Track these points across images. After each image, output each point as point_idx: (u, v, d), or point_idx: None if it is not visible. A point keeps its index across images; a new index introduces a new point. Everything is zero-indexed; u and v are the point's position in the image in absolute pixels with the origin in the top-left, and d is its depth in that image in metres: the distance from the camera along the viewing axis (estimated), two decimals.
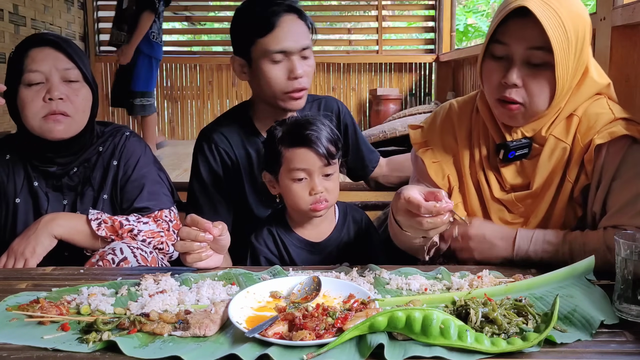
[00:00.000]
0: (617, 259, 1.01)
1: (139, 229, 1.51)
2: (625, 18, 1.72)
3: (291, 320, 0.92)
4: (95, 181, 1.59)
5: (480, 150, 1.37)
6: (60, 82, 1.49)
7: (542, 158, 1.29)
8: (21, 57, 1.49)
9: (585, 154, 1.26)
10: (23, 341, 0.91)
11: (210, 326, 0.93)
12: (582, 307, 0.98)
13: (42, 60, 1.48)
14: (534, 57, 1.21)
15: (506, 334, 0.91)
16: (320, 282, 1.10)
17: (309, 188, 1.39)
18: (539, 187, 1.30)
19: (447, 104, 1.48)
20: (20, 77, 1.48)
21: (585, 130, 1.27)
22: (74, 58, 1.52)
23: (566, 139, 1.28)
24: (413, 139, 1.46)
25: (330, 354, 0.85)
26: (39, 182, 1.56)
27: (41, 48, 1.49)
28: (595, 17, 1.86)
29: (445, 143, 1.42)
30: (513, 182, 1.33)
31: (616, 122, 1.25)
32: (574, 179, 1.27)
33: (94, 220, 1.48)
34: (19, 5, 4.32)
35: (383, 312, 0.90)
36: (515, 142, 1.29)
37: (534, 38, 1.20)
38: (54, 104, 1.47)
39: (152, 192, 1.60)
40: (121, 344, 0.87)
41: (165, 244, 1.55)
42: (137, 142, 1.66)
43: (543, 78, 1.22)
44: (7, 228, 1.57)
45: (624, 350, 0.88)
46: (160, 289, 1.11)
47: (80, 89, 1.53)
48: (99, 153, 1.60)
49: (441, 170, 1.41)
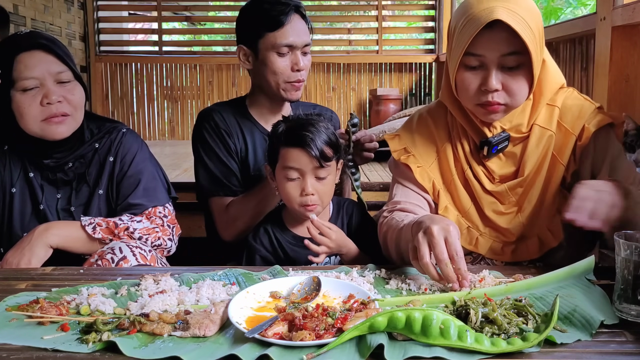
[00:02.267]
0: (617, 259, 1.01)
1: (134, 227, 1.51)
2: (625, 18, 1.72)
3: (291, 320, 0.92)
4: (91, 177, 1.60)
5: (463, 148, 1.42)
6: (54, 85, 1.49)
7: (530, 146, 1.36)
8: (10, 61, 1.47)
9: (579, 140, 1.34)
10: (23, 341, 0.91)
11: (210, 326, 0.93)
12: (582, 307, 0.98)
13: (34, 66, 1.47)
14: (508, 61, 1.27)
15: (506, 334, 0.90)
16: (320, 282, 1.10)
17: (300, 188, 1.42)
18: (530, 173, 1.36)
19: (416, 115, 1.54)
20: (10, 81, 1.47)
21: (573, 120, 1.36)
22: (65, 60, 1.52)
23: (550, 127, 1.36)
24: (392, 147, 1.50)
25: (330, 354, 0.85)
26: (34, 174, 1.57)
27: (31, 52, 1.48)
28: (595, 17, 1.86)
29: (425, 147, 1.46)
30: (501, 172, 1.38)
31: (597, 111, 1.36)
32: (566, 163, 1.35)
33: (87, 225, 1.48)
34: (19, 5, 4.32)
35: (383, 312, 0.90)
36: (496, 138, 1.35)
37: (506, 45, 1.25)
38: (53, 107, 1.48)
39: (147, 188, 1.61)
40: (121, 345, 0.87)
41: (162, 239, 1.56)
42: (133, 138, 1.67)
43: (520, 77, 1.29)
44: (4, 217, 1.57)
45: (624, 350, 0.88)
46: (160, 289, 1.11)
47: (74, 88, 1.54)
48: (95, 149, 1.61)
49: (426, 174, 1.44)
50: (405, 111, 4.67)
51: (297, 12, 1.75)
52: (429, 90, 5.66)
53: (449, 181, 1.43)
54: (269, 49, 1.73)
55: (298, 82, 1.76)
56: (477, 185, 1.40)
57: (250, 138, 1.81)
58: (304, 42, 1.75)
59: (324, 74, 5.71)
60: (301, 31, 1.75)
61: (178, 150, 4.89)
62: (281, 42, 1.72)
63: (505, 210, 1.38)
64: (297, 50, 1.74)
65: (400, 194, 1.46)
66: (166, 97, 5.73)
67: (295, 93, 1.78)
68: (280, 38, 1.72)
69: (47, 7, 4.76)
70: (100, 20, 5.63)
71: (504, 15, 1.22)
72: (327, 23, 5.95)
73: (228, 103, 1.91)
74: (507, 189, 1.37)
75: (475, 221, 1.41)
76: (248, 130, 1.81)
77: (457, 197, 1.42)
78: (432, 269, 1.10)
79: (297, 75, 1.75)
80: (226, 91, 5.69)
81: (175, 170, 3.83)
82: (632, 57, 1.76)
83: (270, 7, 1.73)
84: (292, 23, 1.73)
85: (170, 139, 5.72)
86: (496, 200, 1.39)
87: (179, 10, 6.34)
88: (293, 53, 1.74)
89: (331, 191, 1.47)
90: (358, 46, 5.99)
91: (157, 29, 5.68)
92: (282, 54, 1.73)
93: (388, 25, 5.82)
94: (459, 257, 1.08)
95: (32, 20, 4.51)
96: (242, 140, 1.80)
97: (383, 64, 5.70)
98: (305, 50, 1.77)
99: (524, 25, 1.24)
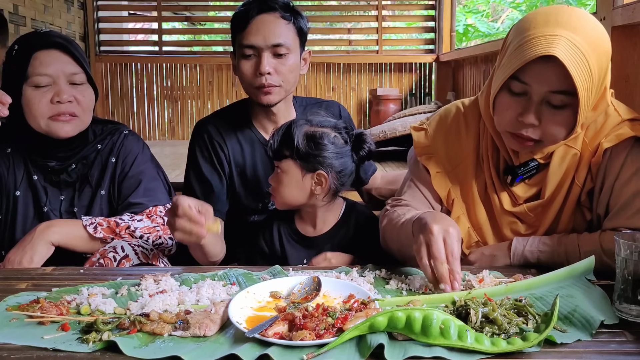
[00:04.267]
0: (617, 259, 1.01)
1: (134, 226, 1.52)
2: (625, 18, 1.72)
3: (291, 320, 0.92)
4: (94, 178, 1.61)
5: (489, 165, 1.34)
6: (66, 84, 1.52)
7: (553, 166, 1.28)
8: (27, 57, 1.49)
9: (592, 157, 1.25)
10: (23, 341, 0.91)
11: (210, 326, 0.93)
12: (582, 307, 0.98)
13: (49, 64, 1.50)
14: (554, 99, 1.17)
15: (506, 334, 0.91)
16: (320, 282, 1.10)
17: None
18: (550, 194, 1.29)
19: (453, 107, 1.43)
20: (24, 76, 1.48)
21: (593, 134, 1.26)
22: (80, 61, 1.54)
23: (576, 145, 1.27)
24: (416, 142, 1.43)
25: (330, 354, 0.85)
26: (38, 176, 1.57)
27: (48, 51, 1.50)
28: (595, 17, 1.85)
29: (450, 150, 1.39)
30: (525, 195, 1.32)
31: (623, 124, 1.24)
32: (582, 182, 1.27)
33: (89, 225, 1.49)
34: (19, 5, 4.32)
35: (383, 312, 0.90)
36: (523, 168, 1.28)
37: (557, 82, 1.15)
38: (63, 106, 1.50)
39: (148, 189, 1.62)
40: (121, 344, 0.87)
41: (163, 238, 1.57)
42: (135, 140, 1.68)
43: (562, 117, 1.18)
44: (8, 220, 1.58)
45: (624, 350, 0.88)
46: (160, 289, 1.11)
47: (85, 90, 1.56)
48: (98, 151, 1.62)
49: (444, 182, 1.38)
50: (405, 111, 4.66)
51: (269, 11, 1.61)
52: (429, 90, 5.65)
53: (466, 191, 1.36)
54: (237, 52, 1.65)
55: (263, 86, 1.61)
56: (498, 204, 1.33)
57: (250, 150, 1.71)
58: (272, 43, 1.60)
59: (324, 74, 5.70)
60: (268, 30, 1.60)
61: (178, 150, 4.88)
62: (243, 43, 1.61)
63: (524, 230, 1.32)
64: (264, 51, 1.60)
65: (409, 194, 1.42)
66: (166, 97, 5.72)
67: (264, 97, 1.63)
68: (243, 38, 1.61)
69: (47, 7, 4.75)
70: (100, 20, 5.62)
71: (561, 52, 1.11)
72: (327, 23, 5.94)
73: (229, 109, 1.81)
74: (527, 210, 1.31)
75: (487, 237, 1.35)
76: (247, 142, 1.72)
77: (473, 210, 1.36)
78: (429, 270, 1.10)
79: (260, 79, 1.60)
80: (226, 91, 5.69)
81: (175, 170, 3.82)
82: (632, 57, 1.76)
83: (241, 7, 1.64)
84: (257, 22, 1.60)
85: (170, 139, 5.71)
86: (517, 220, 1.33)
87: (179, 10, 6.33)
88: (259, 55, 1.61)
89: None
90: (358, 46, 5.98)
91: (157, 29, 5.67)
92: (246, 55, 1.62)
93: (388, 25, 5.82)
94: (454, 257, 1.09)
95: (32, 20, 4.51)
96: (239, 153, 1.70)
97: (383, 64, 5.69)
98: (278, 51, 1.61)
99: (584, 66, 1.12)
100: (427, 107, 4.50)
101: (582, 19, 1.16)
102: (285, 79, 1.64)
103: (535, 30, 1.15)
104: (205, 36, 8.68)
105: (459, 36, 7.91)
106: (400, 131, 3.56)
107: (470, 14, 8.97)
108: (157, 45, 5.71)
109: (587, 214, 1.29)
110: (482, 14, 8.97)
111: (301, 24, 1.68)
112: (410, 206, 1.40)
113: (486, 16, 8.94)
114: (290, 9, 1.66)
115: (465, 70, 4.84)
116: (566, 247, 1.23)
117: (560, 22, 1.15)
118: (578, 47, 1.12)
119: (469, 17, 8.86)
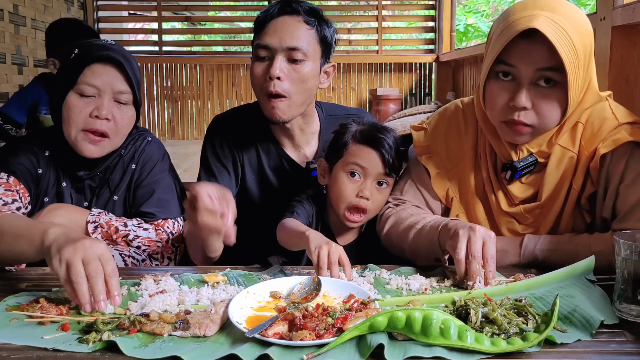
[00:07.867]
0: (617, 259, 1.01)
1: (136, 234, 1.49)
2: (625, 18, 1.72)
3: (291, 320, 0.92)
4: (113, 182, 1.58)
5: (487, 164, 1.34)
6: (110, 101, 1.47)
7: (550, 168, 1.28)
8: (82, 66, 1.46)
9: (590, 162, 1.25)
10: (23, 341, 0.91)
11: (210, 326, 0.93)
12: (582, 307, 0.98)
13: (100, 76, 1.46)
14: (543, 77, 1.17)
15: (506, 334, 0.91)
16: (320, 282, 1.10)
17: (358, 189, 1.41)
18: (547, 197, 1.29)
19: (453, 106, 1.44)
20: (73, 83, 1.46)
21: (589, 137, 1.26)
22: (131, 81, 1.50)
23: (572, 148, 1.27)
24: (416, 141, 1.44)
25: (330, 354, 0.85)
26: (66, 183, 1.56)
27: (104, 64, 1.47)
28: (595, 17, 1.85)
29: (450, 148, 1.39)
30: (521, 196, 1.32)
31: (620, 128, 1.23)
32: (580, 186, 1.27)
33: (91, 222, 1.48)
34: (19, 5, 4.32)
35: (383, 312, 0.90)
36: (521, 163, 1.27)
37: (543, 59, 1.15)
38: (98, 122, 1.46)
39: (161, 199, 1.58)
40: (121, 344, 0.87)
41: (161, 254, 1.53)
42: (156, 148, 1.64)
43: (553, 97, 1.19)
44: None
45: (624, 350, 0.88)
46: (160, 289, 1.11)
47: (127, 112, 1.51)
48: (121, 156, 1.59)
49: (443, 182, 1.39)
50: (405, 111, 4.66)
51: (289, 12, 1.51)
52: (429, 90, 5.66)
53: (465, 190, 1.37)
54: (253, 53, 1.54)
55: (271, 93, 1.48)
56: (495, 204, 1.33)
57: (265, 154, 1.63)
58: (287, 45, 1.47)
59: None
60: (286, 32, 1.48)
61: (178, 150, 4.88)
62: (258, 43, 1.51)
63: (521, 230, 1.32)
64: (278, 54, 1.48)
65: (411, 195, 1.43)
66: (166, 97, 5.73)
67: (272, 111, 1.50)
68: (259, 39, 1.51)
69: (47, 7, 4.75)
70: (100, 20, 5.63)
71: (543, 25, 1.11)
72: None
73: (249, 108, 1.68)
74: (524, 211, 1.31)
75: None
76: (264, 149, 1.64)
77: (472, 208, 1.36)
78: (463, 266, 1.12)
79: (269, 85, 1.47)
80: (226, 91, 5.69)
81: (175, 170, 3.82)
82: (632, 57, 1.76)
83: (265, 8, 1.55)
84: (276, 23, 1.49)
85: (170, 139, 5.71)
86: (514, 220, 1.33)
87: (179, 10, 6.33)
88: (272, 58, 1.48)
89: (382, 203, 1.45)
90: (358, 46, 5.98)
91: (157, 29, 5.68)
92: (260, 57, 1.51)
93: (388, 25, 5.82)
94: (492, 260, 1.12)
95: (32, 20, 4.51)
96: (254, 158, 1.63)
97: (383, 64, 5.70)
98: (293, 56, 1.48)
99: (566, 40, 1.12)
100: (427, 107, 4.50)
101: (560, 2, 1.19)
102: (296, 89, 1.50)
103: (515, 15, 1.18)
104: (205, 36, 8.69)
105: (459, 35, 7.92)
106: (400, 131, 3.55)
107: (471, 13, 8.99)
108: (157, 45, 5.72)
109: (586, 217, 1.29)
110: (482, 14, 8.98)
111: (326, 33, 1.55)
112: (412, 204, 1.41)
113: (486, 16, 8.95)
114: (315, 14, 1.54)
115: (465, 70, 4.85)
116: (577, 246, 1.23)
117: (538, 5, 1.18)
118: (558, 23, 1.14)
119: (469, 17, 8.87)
